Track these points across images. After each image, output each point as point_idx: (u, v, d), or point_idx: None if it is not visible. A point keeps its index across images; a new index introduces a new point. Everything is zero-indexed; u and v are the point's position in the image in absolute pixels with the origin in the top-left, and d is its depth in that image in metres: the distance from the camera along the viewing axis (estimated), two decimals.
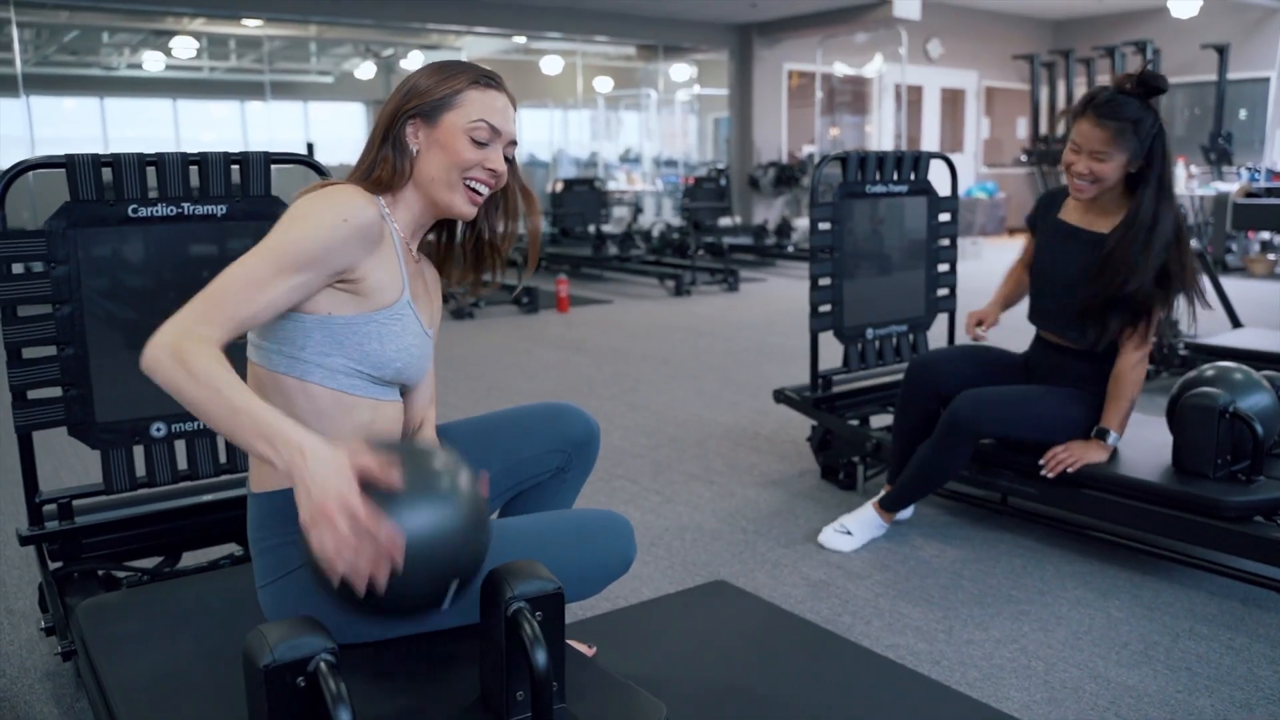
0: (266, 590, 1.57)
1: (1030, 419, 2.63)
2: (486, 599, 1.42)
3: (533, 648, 1.35)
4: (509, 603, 1.39)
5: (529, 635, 1.36)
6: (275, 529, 1.54)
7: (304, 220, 1.45)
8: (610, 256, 8.81)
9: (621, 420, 4.22)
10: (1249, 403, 2.49)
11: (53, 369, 2.11)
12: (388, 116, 1.59)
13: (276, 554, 1.55)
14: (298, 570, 1.54)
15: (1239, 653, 2.18)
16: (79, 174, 2.09)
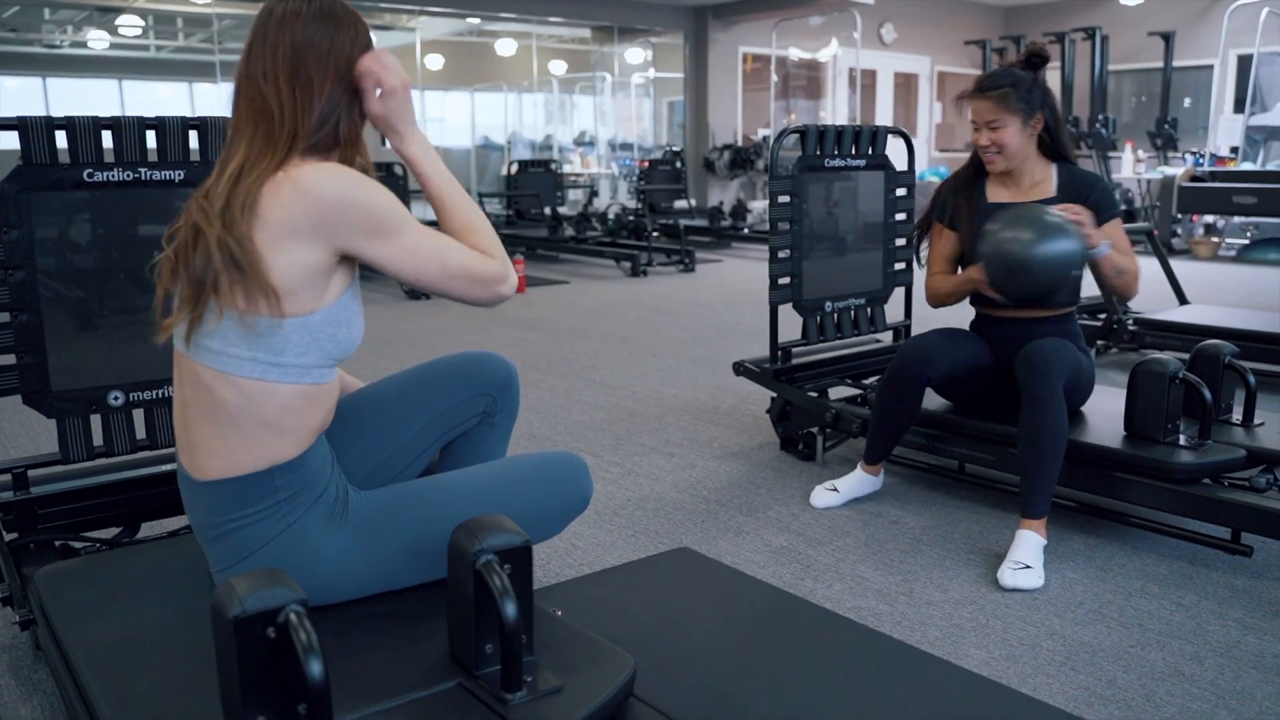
0: (231, 571, 1.56)
1: (1077, 364, 2.57)
2: (455, 553, 1.42)
3: (501, 599, 1.35)
4: (477, 555, 1.39)
5: (498, 587, 1.36)
6: (232, 514, 1.53)
7: (354, 186, 1.45)
8: (566, 238, 8.79)
9: (580, 396, 4.22)
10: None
11: (6, 336, 2.07)
12: (331, 65, 1.50)
13: (234, 538, 1.54)
14: (258, 552, 1.53)
15: (1188, 609, 2.24)
16: (32, 136, 2.05)
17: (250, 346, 1.47)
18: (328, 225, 1.43)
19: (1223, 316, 4.43)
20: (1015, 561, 2.40)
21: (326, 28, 1.50)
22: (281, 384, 1.50)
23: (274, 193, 1.42)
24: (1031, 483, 2.45)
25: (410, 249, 1.50)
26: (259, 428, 1.51)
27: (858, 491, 2.92)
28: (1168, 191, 8.73)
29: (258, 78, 1.48)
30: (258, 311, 1.44)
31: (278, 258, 1.43)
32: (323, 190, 1.43)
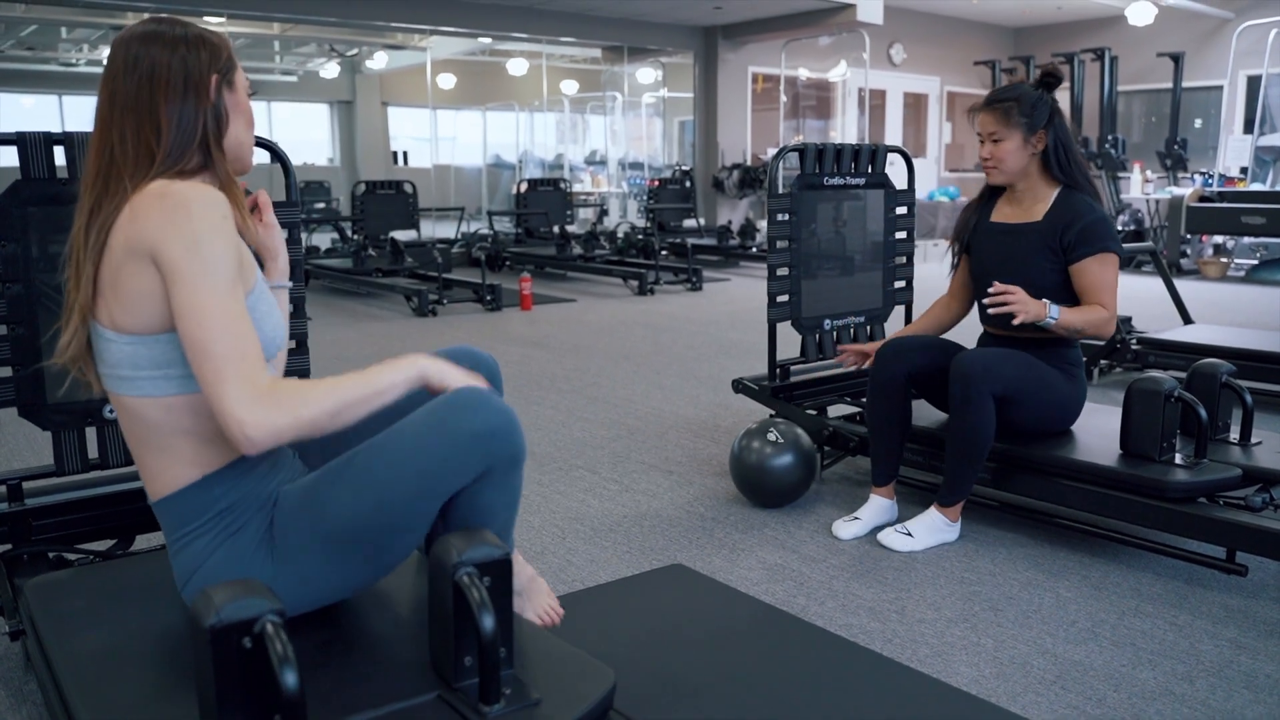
0: (185, 591, 1.56)
1: (1028, 379, 2.63)
2: (435, 565, 1.43)
3: (480, 612, 1.36)
4: (456, 568, 1.40)
5: (476, 600, 1.37)
6: (180, 530, 1.53)
7: (204, 238, 1.38)
8: (574, 256, 8.82)
9: (581, 413, 4.22)
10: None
11: (3, 349, 2.09)
12: (188, 85, 1.48)
13: (185, 554, 1.54)
14: (202, 567, 1.52)
15: (1182, 629, 2.23)
16: (30, 152, 2.08)
17: (157, 364, 1.45)
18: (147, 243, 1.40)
19: (1225, 336, 4.41)
20: (902, 527, 2.71)
21: (177, 52, 1.49)
22: (198, 394, 1.45)
23: (128, 217, 1.43)
24: (946, 476, 2.68)
25: (199, 315, 1.37)
26: (190, 440, 1.49)
27: (879, 519, 2.84)
28: (1176, 212, 8.70)
29: (109, 113, 1.49)
30: (149, 330, 1.43)
31: (132, 280, 1.42)
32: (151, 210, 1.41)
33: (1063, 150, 2.71)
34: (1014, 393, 2.61)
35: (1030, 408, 2.68)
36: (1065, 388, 2.71)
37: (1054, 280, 2.71)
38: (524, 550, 2.68)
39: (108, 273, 1.44)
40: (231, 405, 1.34)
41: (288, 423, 1.37)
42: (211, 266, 1.38)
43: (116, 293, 1.43)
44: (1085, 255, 2.65)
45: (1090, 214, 2.68)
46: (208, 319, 1.36)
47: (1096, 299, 2.65)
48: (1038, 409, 2.70)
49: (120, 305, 1.43)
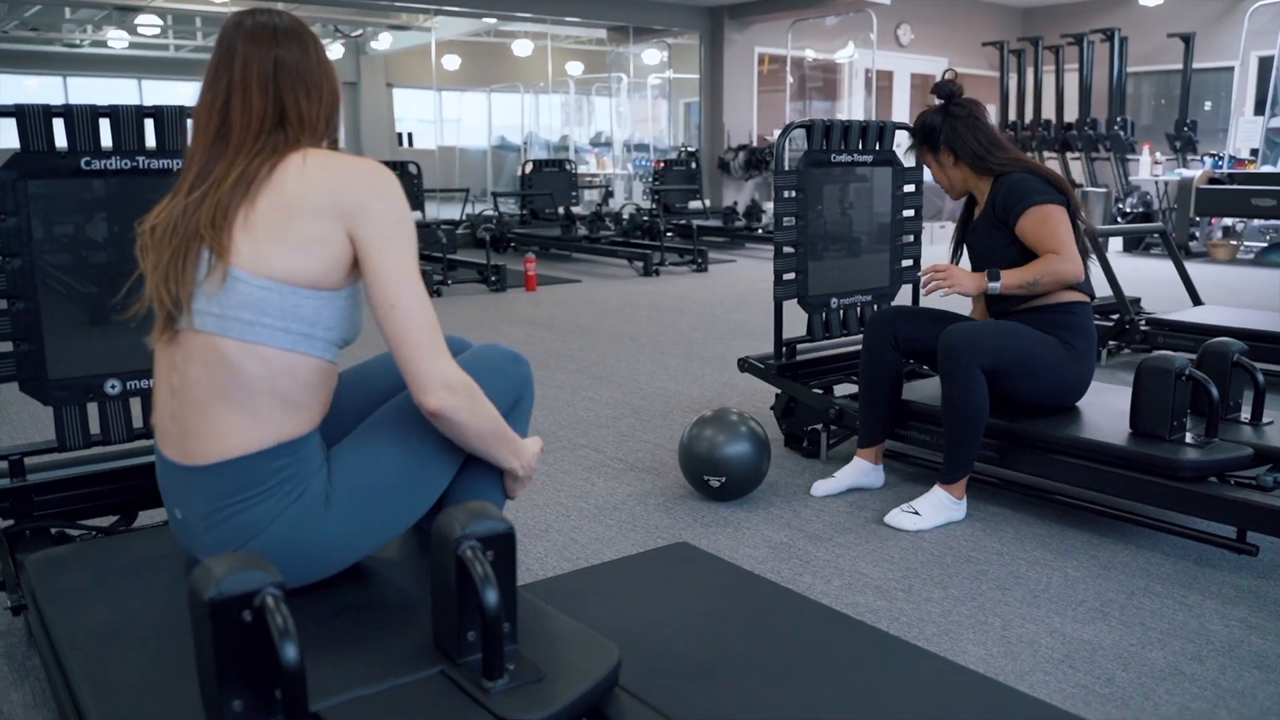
0: (245, 548, 1.55)
1: (1018, 351, 2.65)
2: (438, 539, 1.41)
3: (483, 587, 1.34)
4: (459, 541, 1.38)
5: (479, 574, 1.35)
6: (235, 496, 1.53)
7: (406, 212, 1.54)
8: (579, 237, 8.78)
9: (586, 392, 4.21)
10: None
11: (3, 324, 2.08)
12: (324, 67, 1.60)
13: (236, 521, 1.54)
14: (263, 533, 1.53)
15: (1191, 609, 2.21)
16: (29, 124, 2.06)
17: (285, 316, 1.49)
18: (352, 209, 1.49)
19: (1235, 317, 4.37)
20: (909, 506, 2.69)
21: (301, 45, 1.59)
22: (310, 357, 1.52)
23: (315, 174, 1.50)
24: (946, 451, 2.69)
25: (403, 275, 1.52)
26: (275, 404, 1.51)
27: (855, 480, 2.94)
28: (1185, 194, 8.64)
29: (273, 75, 1.55)
30: (294, 279, 1.47)
31: (307, 230, 1.48)
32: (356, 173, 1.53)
33: (971, 148, 2.83)
34: (1004, 365, 2.63)
35: (1026, 379, 2.68)
36: (1065, 361, 2.69)
37: (1014, 254, 2.77)
38: (527, 529, 2.67)
39: (273, 216, 1.47)
40: (441, 368, 1.51)
41: (468, 404, 1.56)
42: (412, 239, 1.53)
43: (280, 237, 1.47)
44: (1016, 219, 2.74)
45: (1004, 184, 2.77)
46: (418, 288, 1.51)
47: (1046, 249, 2.69)
48: (1035, 381, 2.70)
49: (280, 250, 1.47)
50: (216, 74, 1.55)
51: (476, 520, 1.41)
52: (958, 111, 2.87)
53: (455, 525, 1.40)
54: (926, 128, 2.91)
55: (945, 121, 2.87)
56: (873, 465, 2.95)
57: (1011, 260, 2.76)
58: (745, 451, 2.83)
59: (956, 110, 2.87)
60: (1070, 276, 2.67)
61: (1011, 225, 2.74)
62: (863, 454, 2.96)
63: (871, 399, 2.92)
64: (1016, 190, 2.74)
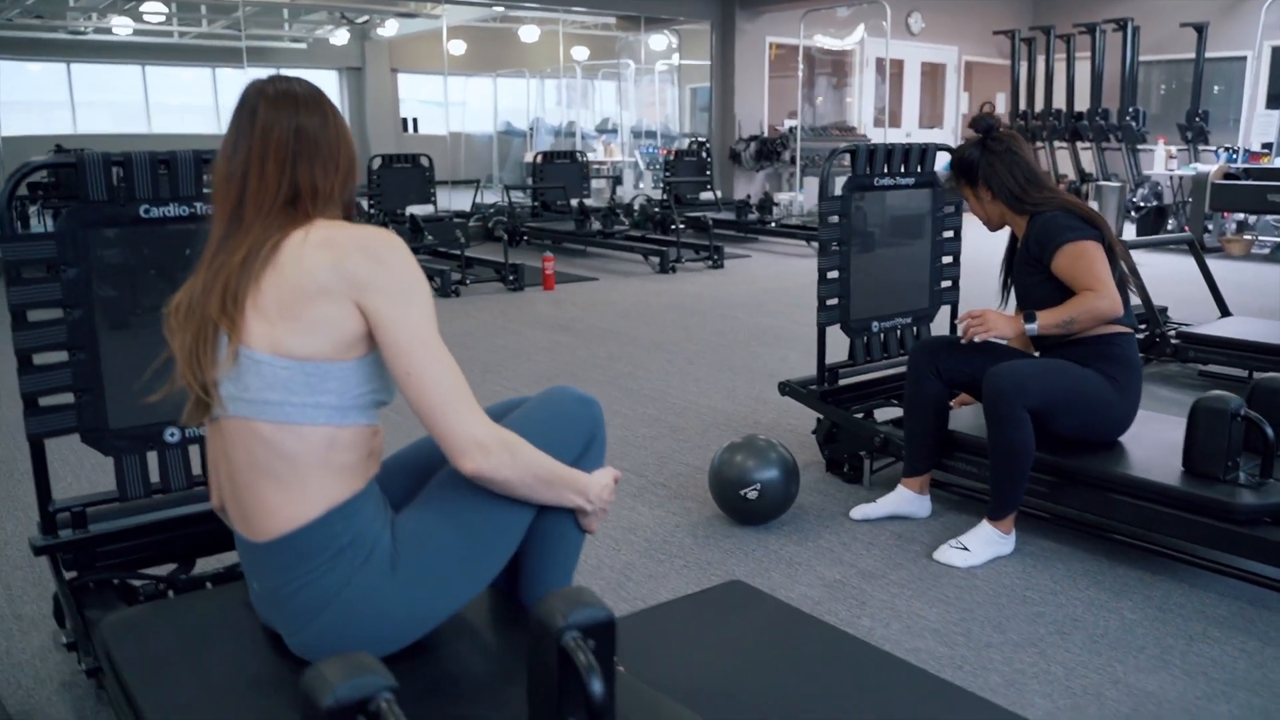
0: (306, 633, 1.55)
1: (1063, 389, 2.66)
2: (539, 628, 1.40)
3: (588, 677, 1.33)
4: (561, 632, 1.37)
5: (583, 664, 1.34)
6: (299, 569, 1.52)
7: (420, 279, 1.52)
8: (593, 232, 8.74)
9: (620, 409, 4.20)
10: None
11: (64, 375, 2.07)
12: (343, 137, 1.59)
13: (304, 596, 1.53)
14: (330, 606, 1.52)
15: (1252, 656, 2.21)
16: (89, 174, 2.04)
17: (313, 392, 1.47)
18: (355, 282, 1.47)
19: (1266, 331, 4.36)
20: (957, 541, 2.71)
21: (321, 114, 1.57)
22: (345, 426, 1.50)
23: (302, 251, 1.48)
24: (992, 489, 2.71)
25: (424, 345, 1.50)
26: (321, 473, 1.51)
27: (897, 509, 2.96)
28: (1201, 189, 8.61)
29: (292, 145, 1.53)
30: (316, 356, 1.46)
31: (319, 308, 1.46)
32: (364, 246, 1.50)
33: (1008, 187, 2.82)
34: (1050, 404, 2.64)
35: (1072, 417, 2.69)
36: (1111, 397, 2.69)
37: (1048, 291, 2.77)
38: (580, 567, 2.67)
39: (279, 296, 1.45)
40: (469, 428, 1.50)
41: (507, 472, 1.54)
42: (429, 306, 1.51)
43: (292, 317, 1.45)
44: (1050, 257, 2.74)
45: (1037, 222, 2.78)
46: (435, 351, 1.49)
47: (1082, 286, 2.69)
48: (1080, 418, 2.70)
49: (294, 330, 1.45)
50: (236, 140, 1.53)
51: (577, 609, 1.40)
52: (995, 147, 2.85)
53: (557, 615, 1.39)
54: (965, 162, 2.90)
55: (983, 157, 2.85)
56: (917, 494, 2.96)
57: (1049, 297, 2.76)
58: (775, 477, 2.88)
59: (994, 145, 2.85)
60: (1108, 313, 2.66)
61: (1047, 264, 2.74)
62: (908, 483, 2.97)
63: (916, 429, 2.93)
64: (1049, 229, 2.74)
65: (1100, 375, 2.69)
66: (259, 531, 1.54)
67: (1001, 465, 2.64)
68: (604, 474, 1.77)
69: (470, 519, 1.62)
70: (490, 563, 1.67)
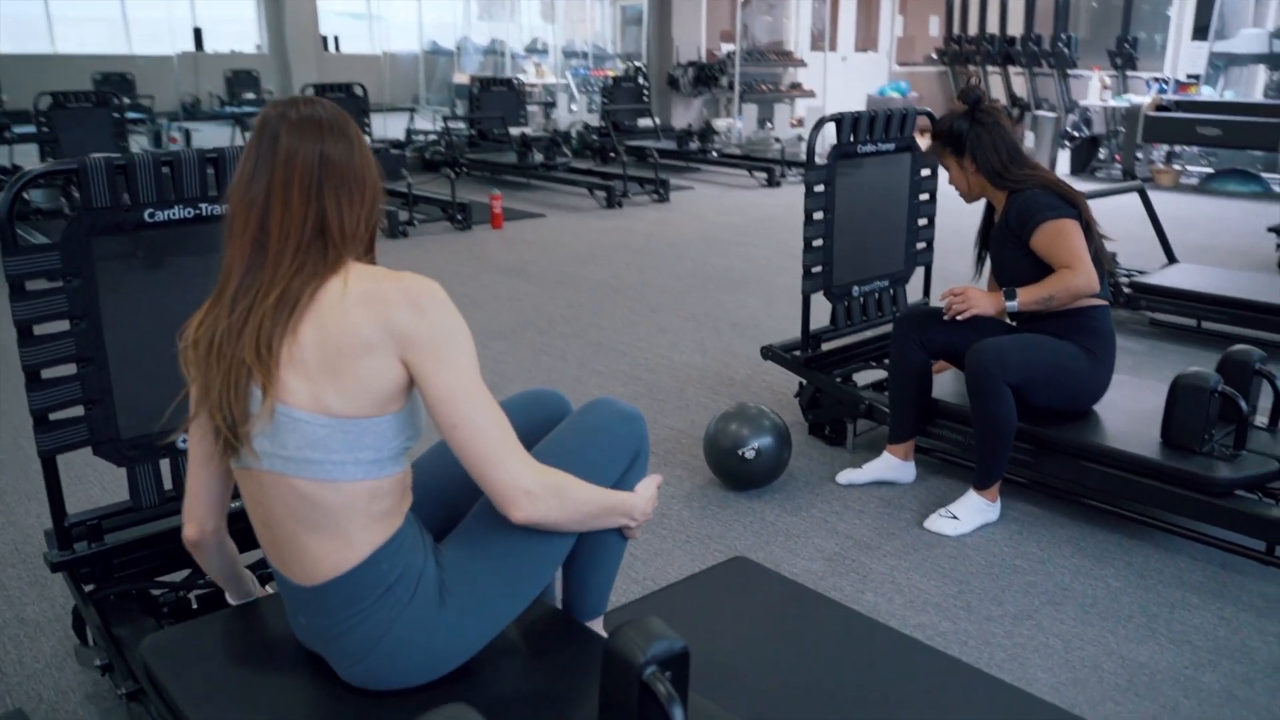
0: (360, 667, 1.56)
1: (1043, 364, 2.76)
2: (617, 664, 1.44)
3: (670, 707, 1.39)
4: (642, 668, 1.42)
5: (664, 695, 1.40)
6: (351, 609, 1.53)
7: (460, 324, 1.48)
8: (536, 165, 8.59)
9: (591, 364, 4.21)
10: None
11: (74, 388, 2.00)
12: (368, 164, 1.52)
13: (358, 633, 1.54)
14: (384, 639, 1.54)
15: (1229, 623, 2.37)
16: (92, 180, 1.95)
17: (353, 449, 1.45)
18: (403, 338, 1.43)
19: (1213, 281, 4.53)
20: (947, 511, 2.83)
21: (347, 141, 1.50)
22: (383, 478, 1.50)
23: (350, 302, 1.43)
24: (977, 461, 2.82)
25: (469, 394, 1.47)
26: (361, 521, 1.51)
27: (882, 474, 3.06)
28: (1134, 120, 8.80)
29: (318, 175, 1.46)
30: (360, 414, 1.44)
31: (363, 364, 1.42)
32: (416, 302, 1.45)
33: (991, 163, 2.87)
34: (1030, 378, 2.74)
35: (1050, 390, 2.80)
36: (1087, 369, 2.80)
37: (1026, 266, 2.84)
38: None
39: (321, 353, 1.41)
40: (516, 476, 1.48)
41: (556, 515, 1.54)
42: (472, 352, 1.48)
43: (334, 375, 1.41)
44: (1030, 234, 2.80)
45: (1018, 199, 2.84)
46: (480, 400, 1.46)
47: (1060, 264, 2.77)
48: (1059, 390, 2.81)
49: (336, 388, 1.41)
50: (257, 167, 1.46)
51: (655, 644, 1.43)
52: (984, 119, 2.88)
53: (636, 651, 1.43)
54: (954, 133, 2.92)
55: (971, 129, 2.88)
56: (902, 461, 3.06)
57: (1027, 272, 2.83)
58: (769, 443, 2.97)
59: (983, 118, 2.88)
60: (1085, 290, 2.75)
61: (1026, 240, 2.81)
62: (893, 450, 3.06)
63: (901, 397, 3.01)
64: (1030, 206, 2.79)
65: (1077, 347, 2.79)
66: (303, 577, 1.53)
67: (986, 438, 2.75)
68: (648, 485, 1.78)
69: (514, 547, 1.64)
70: (536, 584, 1.70)
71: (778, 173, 9.26)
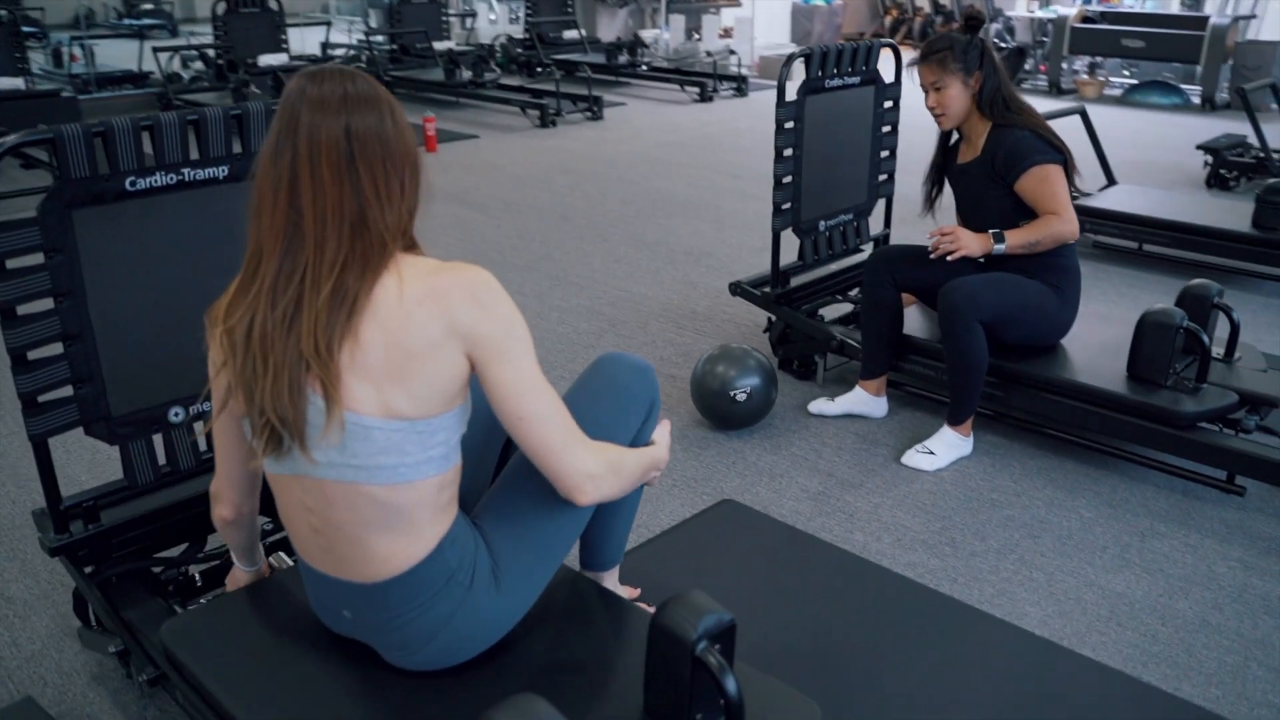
0: (419, 656, 1.57)
1: (1014, 303, 2.83)
2: (669, 638, 1.48)
3: (723, 678, 1.43)
4: (695, 643, 1.45)
5: (716, 666, 1.44)
6: (416, 601, 1.53)
7: (517, 314, 1.45)
8: (465, 82, 8.33)
9: (551, 300, 4.18)
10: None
11: (61, 368, 1.91)
12: (402, 135, 1.43)
13: (421, 623, 1.54)
14: (447, 626, 1.55)
15: (1195, 550, 2.51)
16: (69, 149, 1.84)
17: (426, 447, 1.43)
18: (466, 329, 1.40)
19: (1153, 203, 4.67)
20: (923, 446, 2.91)
21: (377, 111, 1.41)
22: (444, 474, 1.48)
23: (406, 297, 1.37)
24: (951, 397, 2.90)
25: (532, 378, 1.46)
26: (431, 514, 1.50)
27: (853, 408, 3.13)
28: (1060, 32, 8.89)
29: (348, 151, 1.37)
30: (431, 413, 1.41)
31: (432, 363, 1.39)
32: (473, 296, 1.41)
33: (992, 89, 2.85)
34: (1001, 316, 2.82)
35: (1020, 327, 2.88)
36: (1054, 306, 2.88)
37: (1007, 205, 2.88)
38: None
39: (387, 357, 1.36)
40: (582, 463, 1.49)
41: (615, 480, 1.56)
42: (530, 342, 1.46)
43: (403, 378, 1.37)
44: (1018, 176, 2.83)
45: (1009, 138, 2.84)
46: (542, 391, 1.46)
47: (1046, 209, 2.82)
48: (1028, 327, 2.90)
49: (406, 391, 1.37)
50: (279, 145, 1.38)
51: (704, 619, 1.47)
52: (992, 45, 2.87)
53: (687, 627, 1.46)
54: (967, 45, 2.85)
55: (984, 50, 2.86)
56: (874, 396, 3.13)
57: (1006, 211, 2.88)
58: (757, 383, 3.01)
59: (990, 44, 2.88)
60: (1069, 236, 2.82)
61: (1011, 182, 2.83)
62: (865, 385, 3.13)
63: (873, 334, 3.07)
64: (1019, 148, 2.81)
65: (1045, 285, 2.87)
66: (364, 575, 1.51)
67: (959, 375, 2.82)
68: (664, 433, 1.79)
69: (552, 516, 1.65)
70: (568, 546, 1.72)
71: (709, 87, 9.15)
